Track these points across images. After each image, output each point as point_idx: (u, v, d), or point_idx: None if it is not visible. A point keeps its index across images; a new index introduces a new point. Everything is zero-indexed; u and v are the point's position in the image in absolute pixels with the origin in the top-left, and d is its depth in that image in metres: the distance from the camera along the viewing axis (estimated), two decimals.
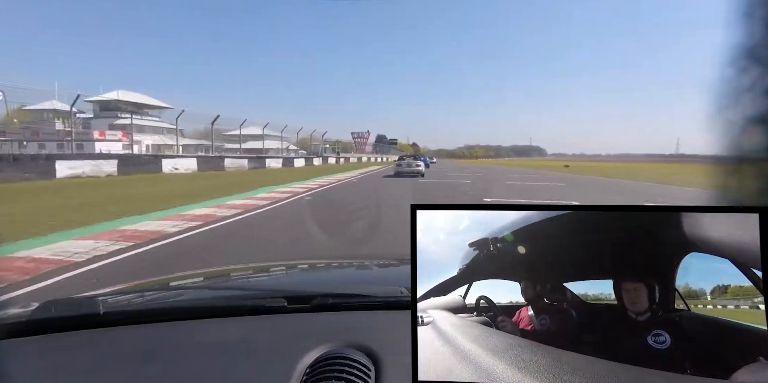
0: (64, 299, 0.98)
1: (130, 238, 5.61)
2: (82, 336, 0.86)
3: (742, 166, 0.47)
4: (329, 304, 0.95)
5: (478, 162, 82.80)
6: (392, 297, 0.96)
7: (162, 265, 4.43)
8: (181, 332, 0.87)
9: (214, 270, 1.79)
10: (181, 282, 1.50)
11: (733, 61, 0.45)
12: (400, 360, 0.68)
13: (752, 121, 0.45)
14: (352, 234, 6.13)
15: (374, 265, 1.66)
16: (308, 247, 5.25)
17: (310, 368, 0.68)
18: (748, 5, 0.44)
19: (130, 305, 1.07)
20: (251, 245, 5.63)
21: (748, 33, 0.44)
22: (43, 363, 0.75)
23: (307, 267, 1.77)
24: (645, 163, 54.36)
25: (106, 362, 0.75)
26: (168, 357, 0.76)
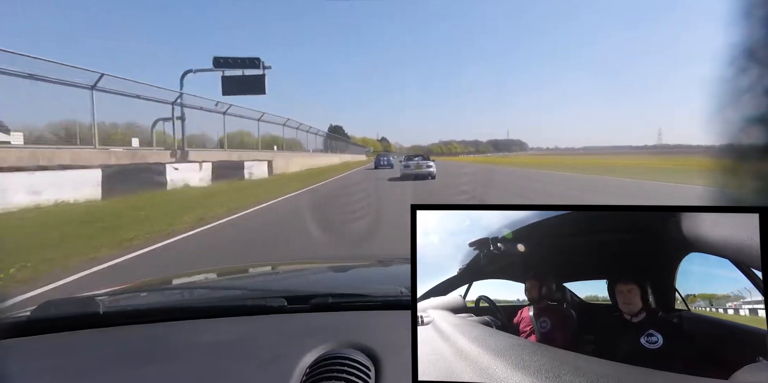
0: (64, 299, 0.98)
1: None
2: (82, 336, 0.86)
3: (741, 165, 0.47)
4: (329, 304, 0.95)
5: (463, 159, 72.79)
6: (392, 297, 0.96)
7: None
8: (181, 332, 0.87)
9: (215, 270, 1.79)
10: (181, 282, 1.50)
11: (733, 61, 0.45)
12: (400, 360, 0.68)
13: (751, 121, 0.45)
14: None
15: (374, 265, 1.66)
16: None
17: (310, 368, 0.68)
18: (748, 5, 0.44)
19: (129, 305, 1.07)
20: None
21: (747, 33, 0.44)
22: (43, 363, 0.75)
23: (307, 267, 1.77)
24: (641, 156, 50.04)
25: (105, 362, 0.75)
26: (168, 357, 0.76)
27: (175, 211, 7.85)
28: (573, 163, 31.65)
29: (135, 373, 0.70)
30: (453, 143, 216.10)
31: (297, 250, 4.88)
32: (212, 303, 1.01)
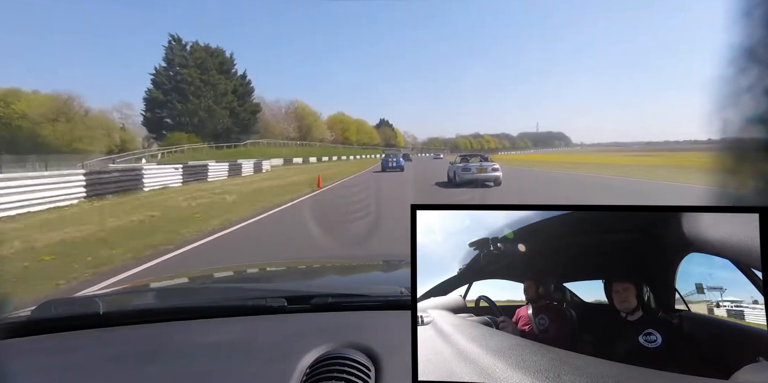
0: (64, 299, 0.98)
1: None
2: (82, 336, 0.86)
3: (741, 165, 0.47)
4: (329, 304, 0.95)
5: (518, 159, 46.00)
6: (392, 297, 0.96)
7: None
8: (181, 332, 0.87)
9: (215, 270, 1.79)
10: (181, 282, 1.50)
11: (733, 61, 0.45)
12: (400, 360, 0.68)
13: (751, 121, 0.45)
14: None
15: (374, 265, 1.66)
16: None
17: (310, 368, 0.68)
18: (748, 5, 0.44)
19: (129, 305, 1.07)
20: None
21: (747, 33, 0.44)
22: (43, 363, 0.75)
23: (307, 267, 1.77)
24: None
25: (106, 362, 0.75)
26: (168, 357, 0.76)
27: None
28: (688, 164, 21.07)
29: (135, 373, 0.70)
30: (486, 137, 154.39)
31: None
32: (212, 303, 1.01)
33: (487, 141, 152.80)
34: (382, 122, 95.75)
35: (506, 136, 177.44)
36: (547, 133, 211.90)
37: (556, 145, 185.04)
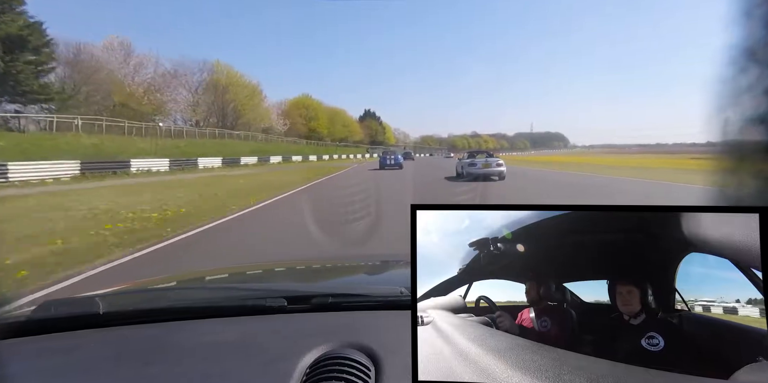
0: (64, 299, 0.98)
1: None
2: (82, 336, 0.86)
3: (741, 165, 0.47)
4: (329, 304, 0.95)
5: (521, 160, 43.50)
6: (392, 297, 0.96)
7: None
8: (181, 332, 0.87)
9: (214, 270, 1.79)
10: (181, 282, 1.50)
11: (733, 61, 0.45)
12: (400, 360, 0.68)
13: (751, 121, 0.45)
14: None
15: (374, 265, 1.66)
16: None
17: (310, 368, 0.68)
18: (748, 5, 0.44)
19: (129, 305, 1.07)
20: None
21: (747, 33, 0.44)
22: (43, 363, 0.75)
23: (307, 267, 1.77)
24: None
25: (105, 362, 0.75)
26: (168, 357, 0.76)
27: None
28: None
29: (135, 373, 0.70)
30: (484, 137, 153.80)
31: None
32: (212, 304, 1.01)
33: (485, 141, 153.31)
34: (368, 114, 77.69)
35: (503, 136, 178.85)
36: (546, 134, 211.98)
37: (554, 146, 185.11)
